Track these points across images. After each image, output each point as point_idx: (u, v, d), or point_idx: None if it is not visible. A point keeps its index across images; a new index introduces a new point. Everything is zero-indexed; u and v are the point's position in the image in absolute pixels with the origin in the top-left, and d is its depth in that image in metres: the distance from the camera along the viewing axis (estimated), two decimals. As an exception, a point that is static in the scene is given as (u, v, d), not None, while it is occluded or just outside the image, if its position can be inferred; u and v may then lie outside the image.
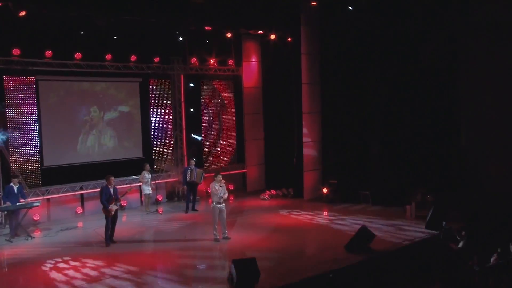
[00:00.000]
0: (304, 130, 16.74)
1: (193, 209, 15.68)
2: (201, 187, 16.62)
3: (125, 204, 16.26)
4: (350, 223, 11.57)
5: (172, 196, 17.65)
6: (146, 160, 16.45)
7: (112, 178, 11.86)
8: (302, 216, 14.30)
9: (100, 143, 16.27)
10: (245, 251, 10.41)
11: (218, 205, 11.66)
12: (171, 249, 11.08)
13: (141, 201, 16.57)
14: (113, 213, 11.83)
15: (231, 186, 18.60)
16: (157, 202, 16.41)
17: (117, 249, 11.40)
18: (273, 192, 17.58)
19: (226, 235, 11.91)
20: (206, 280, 9.09)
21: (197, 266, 9.84)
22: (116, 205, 11.89)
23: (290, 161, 17.61)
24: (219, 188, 11.60)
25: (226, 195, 11.68)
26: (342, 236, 11.03)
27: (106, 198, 11.74)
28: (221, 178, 11.76)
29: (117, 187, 12.34)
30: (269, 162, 18.91)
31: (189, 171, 15.55)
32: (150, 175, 15.68)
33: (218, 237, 11.75)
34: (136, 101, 17.00)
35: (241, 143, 19.12)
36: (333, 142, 16.87)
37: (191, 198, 15.69)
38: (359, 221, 12.43)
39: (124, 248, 11.45)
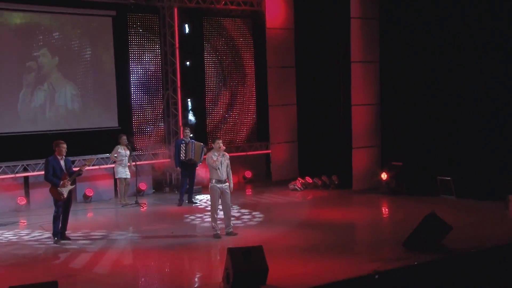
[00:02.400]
0: (354, 88, 16.42)
1: (190, 201, 15.58)
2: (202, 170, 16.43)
3: (91, 195, 16.24)
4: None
5: (161, 185, 17.70)
6: (123, 131, 16.33)
7: (64, 145, 11.76)
8: (347, 210, 14.52)
9: (54, 103, 16.13)
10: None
11: (219, 185, 11.65)
12: (152, 249, 11.18)
13: (116, 190, 16.52)
14: (65, 195, 11.69)
15: (248, 173, 18.97)
16: (138, 193, 16.38)
17: (71, 249, 11.34)
18: (309, 180, 17.51)
19: (231, 229, 11.90)
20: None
21: (190, 272, 10.08)
22: (70, 183, 11.78)
23: (334, 136, 17.52)
24: (218, 159, 11.58)
25: (230, 179, 11.80)
26: (405, 234, 10.71)
27: (55, 173, 11.66)
28: (220, 145, 11.75)
29: (74, 168, 12.31)
30: (304, 138, 18.77)
31: (183, 146, 15.34)
32: (128, 152, 15.63)
33: (219, 231, 11.75)
34: (108, 44, 16.79)
35: (264, 110, 18.96)
36: (398, 105, 16.57)
37: (187, 185, 15.55)
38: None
39: (81, 248, 11.39)
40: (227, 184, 11.71)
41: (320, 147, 17.99)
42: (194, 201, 15.62)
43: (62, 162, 11.71)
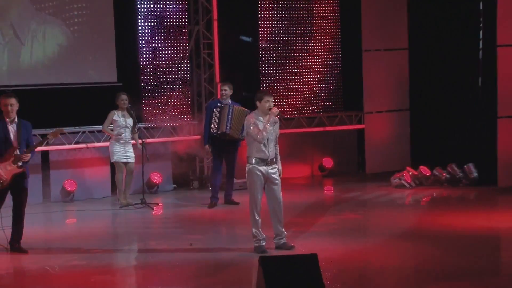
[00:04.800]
0: (501, 18, 16.37)
1: (228, 200, 15.78)
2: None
3: (73, 190, 16.45)
4: None
5: (186, 177, 18.03)
6: (125, 89, 16.42)
7: (11, 100, 11.73)
8: (486, 217, 14.29)
9: (18, 61, 16.45)
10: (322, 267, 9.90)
11: (263, 167, 11.49)
12: (159, 269, 11.17)
13: (113, 185, 16.73)
14: (9, 179, 11.73)
15: (328, 162, 19.12)
16: (149, 188, 17.01)
17: (27, 267, 11.53)
18: (425, 172, 17.45)
19: (284, 239, 11.77)
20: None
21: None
22: (21, 162, 11.79)
23: (468, 100, 17.70)
24: (266, 127, 11.45)
25: (278, 159, 11.87)
26: None
27: None
28: (271, 105, 11.53)
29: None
30: (420, 105, 18.85)
31: (216, 111, 15.29)
32: (131, 120, 15.78)
33: (264, 242, 11.68)
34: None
35: (354, 59, 18.84)
36: None
37: (224, 175, 15.94)
38: None
39: (47, 264, 11.41)
40: (275, 166, 11.49)
41: (445, 119, 18.04)
42: (235, 200, 15.59)
43: (12, 128, 11.65)
